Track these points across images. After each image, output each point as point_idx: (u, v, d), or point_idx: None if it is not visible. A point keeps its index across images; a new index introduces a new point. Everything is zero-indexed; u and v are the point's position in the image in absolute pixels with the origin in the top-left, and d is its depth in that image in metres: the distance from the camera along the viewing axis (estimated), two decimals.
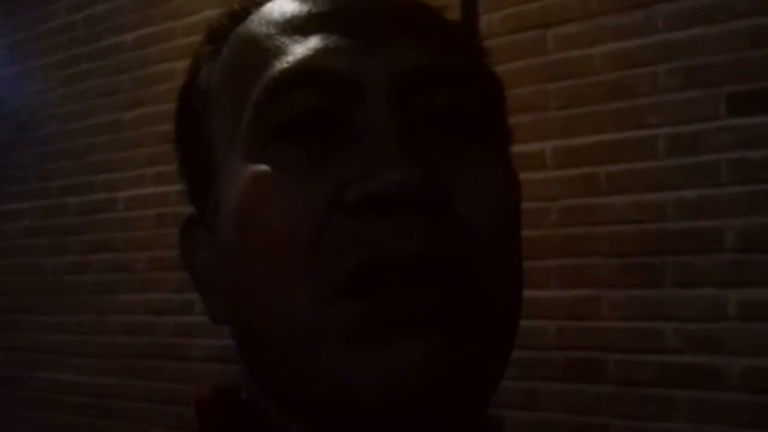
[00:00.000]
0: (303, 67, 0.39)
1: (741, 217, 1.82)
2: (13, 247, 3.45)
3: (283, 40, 0.40)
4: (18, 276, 3.41)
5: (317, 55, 0.39)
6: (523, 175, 0.43)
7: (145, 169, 2.96)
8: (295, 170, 0.38)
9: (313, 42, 0.39)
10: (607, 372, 1.95)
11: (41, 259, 3.31)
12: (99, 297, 3.08)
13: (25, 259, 3.38)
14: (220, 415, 0.42)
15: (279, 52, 0.40)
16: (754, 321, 1.78)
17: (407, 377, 0.35)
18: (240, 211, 0.39)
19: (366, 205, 0.36)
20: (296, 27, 0.40)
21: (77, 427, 3.08)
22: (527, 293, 0.40)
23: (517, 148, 0.44)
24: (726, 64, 1.86)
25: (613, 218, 1.99)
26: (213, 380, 0.45)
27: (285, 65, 0.39)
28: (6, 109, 3.52)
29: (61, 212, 3.26)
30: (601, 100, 2.03)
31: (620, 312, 1.95)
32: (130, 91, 3.07)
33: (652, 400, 1.89)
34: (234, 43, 0.43)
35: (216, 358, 2.63)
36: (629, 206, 1.97)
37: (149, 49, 3.02)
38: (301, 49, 0.39)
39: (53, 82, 3.35)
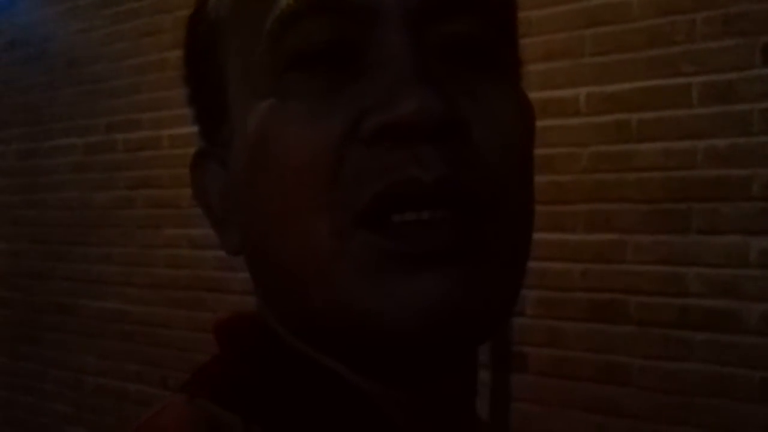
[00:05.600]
0: None
1: None
2: (63, 181, 3.54)
3: None
4: (68, 209, 3.50)
5: None
6: (556, 121, 0.45)
7: (188, 109, 3.02)
8: (311, 98, 0.37)
9: None
10: (629, 313, 2.00)
11: (90, 194, 3.40)
12: (145, 231, 3.17)
13: (75, 193, 3.47)
14: (239, 337, 0.43)
15: None
16: None
17: (420, 308, 0.35)
18: (256, 141, 0.39)
19: (383, 135, 0.36)
20: None
21: (124, 353, 3.21)
22: (554, 236, 0.41)
23: (550, 94, 0.45)
24: (763, 14, 1.85)
25: (643, 165, 2.00)
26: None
27: None
28: (55, 47, 3.59)
29: (108, 148, 3.33)
30: (638, 48, 2.02)
31: (645, 256, 1.99)
32: (173, 31, 3.08)
33: (671, 340, 1.94)
34: None
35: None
36: (660, 153, 1.98)
37: None
38: None
39: (99, 21, 3.39)
